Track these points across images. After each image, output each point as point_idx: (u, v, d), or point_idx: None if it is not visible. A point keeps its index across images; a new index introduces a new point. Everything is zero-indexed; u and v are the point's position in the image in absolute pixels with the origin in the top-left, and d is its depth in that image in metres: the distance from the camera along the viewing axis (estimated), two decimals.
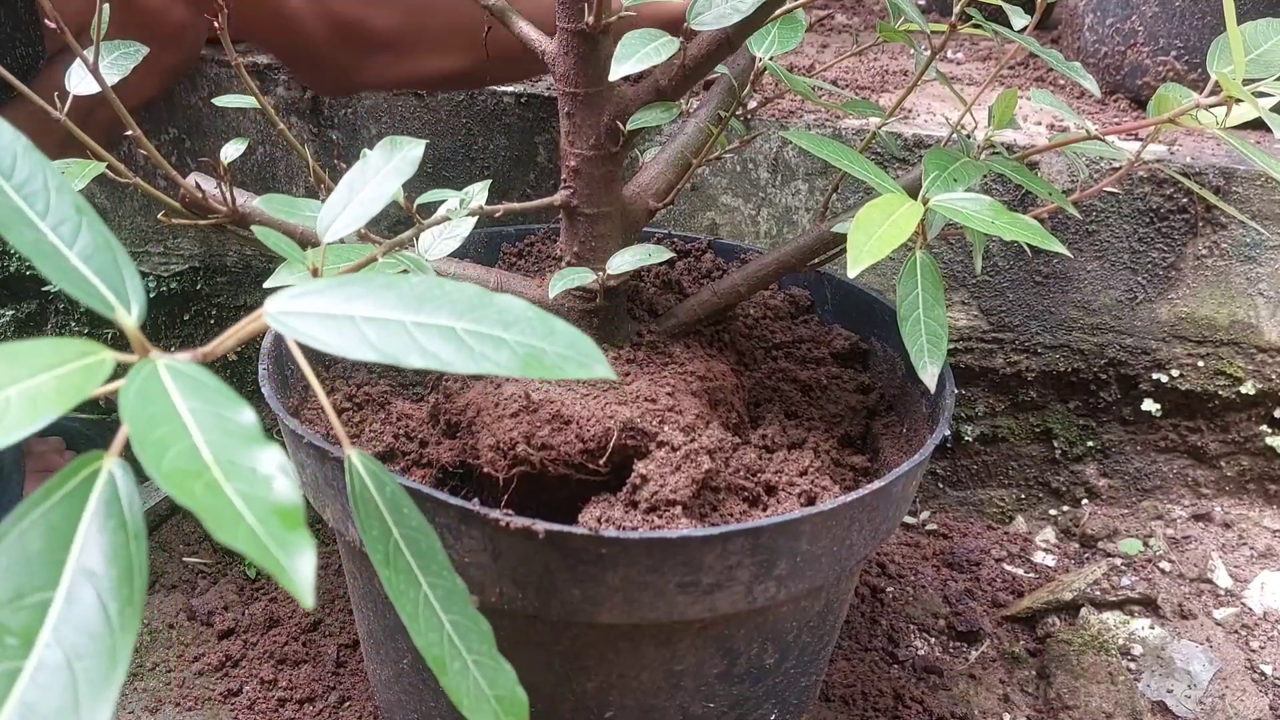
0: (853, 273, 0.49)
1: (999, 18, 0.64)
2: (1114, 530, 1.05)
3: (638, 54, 0.56)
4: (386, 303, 0.32)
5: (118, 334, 1.19)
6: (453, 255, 0.64)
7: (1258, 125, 0.58)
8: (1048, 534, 1.06)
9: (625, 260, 0.65)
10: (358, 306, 0.32)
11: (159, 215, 0.63)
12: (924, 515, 1.10)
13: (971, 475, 1.10)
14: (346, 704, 0.81)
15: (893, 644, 0.90)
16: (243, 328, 0.34)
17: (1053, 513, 1.10)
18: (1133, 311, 1.02)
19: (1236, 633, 0.93)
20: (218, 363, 1.00)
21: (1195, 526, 1.06)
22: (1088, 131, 0.63)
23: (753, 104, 0.74)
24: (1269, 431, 1.05)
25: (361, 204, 0.45)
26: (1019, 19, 0.63)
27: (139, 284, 0.33)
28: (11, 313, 1.21)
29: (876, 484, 0.59)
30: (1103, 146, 0.64)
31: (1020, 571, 1.00)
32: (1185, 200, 0.98)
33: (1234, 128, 0.58)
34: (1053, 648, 0.89)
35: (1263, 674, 0.89)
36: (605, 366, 0.32)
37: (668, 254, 0.65)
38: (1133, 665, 0.88)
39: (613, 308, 0.70)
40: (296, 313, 0.32)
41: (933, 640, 0.91)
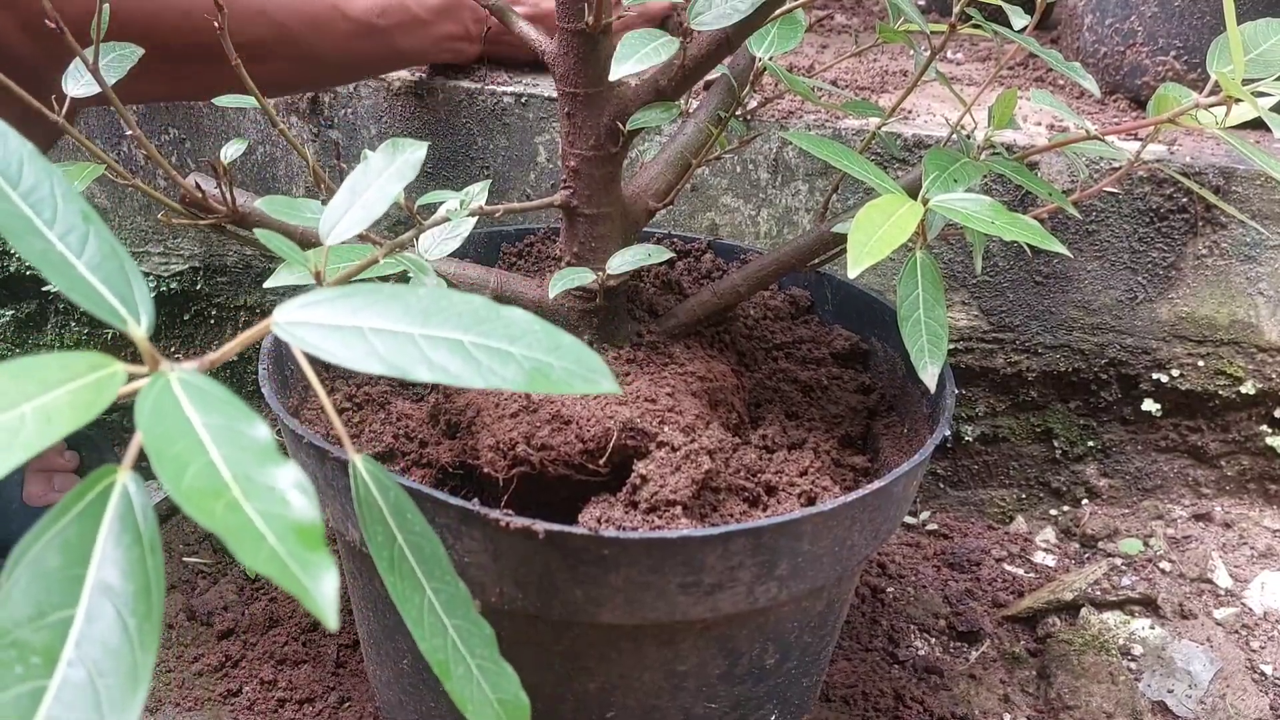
0: (853, 273, 0.49)
1: (999, 18, 0.64)
2: (1114, 530, 1.05)
3: (638, 54, 0.56)
4: (394, 314, 0.32)
5: (118, 334, 1.19)
6: (453, 255, 0.64)
7: (1257, 125, 0.59)
8: (1048, 534, 1.06)
9: (625, 260, 0.65)
10: (365, 318, 0.32)
11: (159, 215, 0.63)
12: (924, 515, 1.10)
13: (972, 475, 1.10)
14: (346, 704, 0.81)
15: (893, 644, 0.90)
16: (250, 336, 0.34)
17: (1053, 513, 1.10)
18: (1133, 311, 1.02)
19: (1237, 633, 0.93)
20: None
21: (1195, 526, 1.06)
22: (1087, 131, 0.63)
23: (753, 104, 0.74)
24: (1269, 431, 1.05)
25: (364, 207, 0.45)
26: (1019, 19, 0.63)
27: (147, 293, 0.33)
28: (11, 313, 1.21)
29: (877, 484, 0.59)
30: (1102, 146, 0.64)
31: (1020, 571, 1.00)
32: (1185, 200, 0.98)
33: (1233, 127, 0.58)
34: (1053, 648, 0.89)
35: (1263, 674, 0.89)
36: (611, 381, 0.32)
37: (668, 254, 0.65)
38: (1133, 665, 0.88)
39: (613, 308, 0.70)
40: (305, 323, 0.32)
41: (933, 640, 0.91)
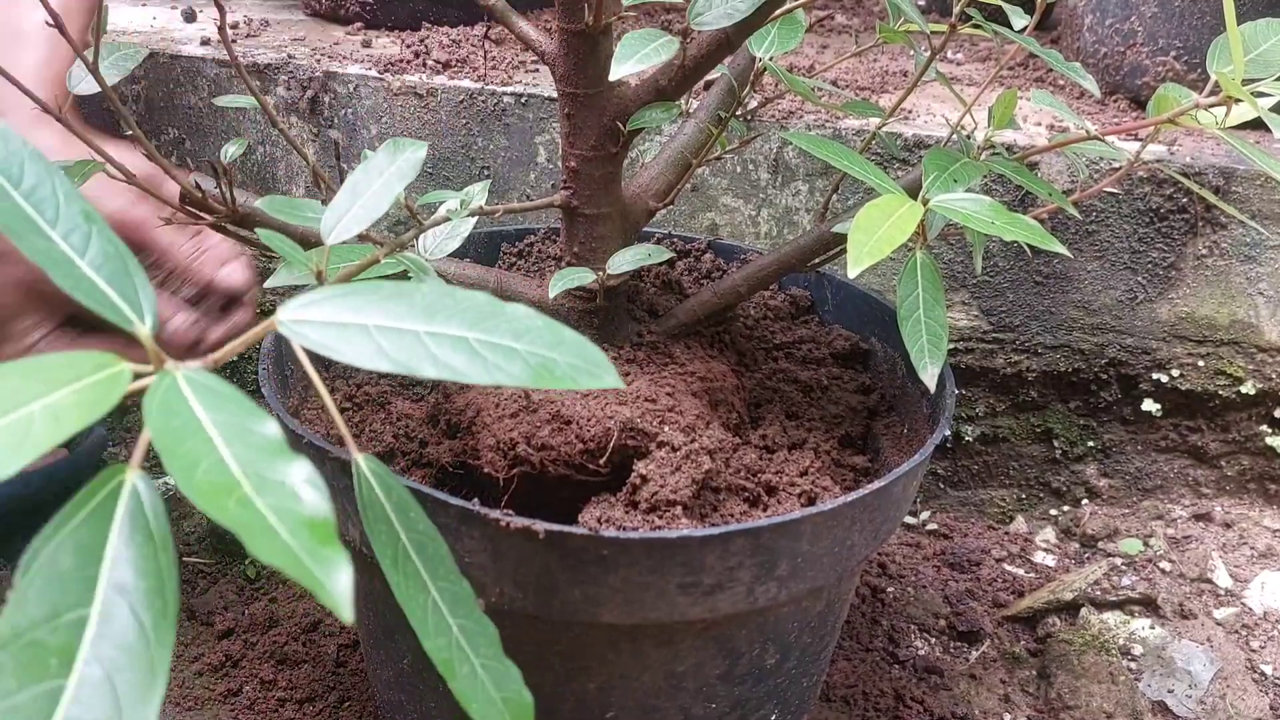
0: (853, 273, 0.49)
1: (999, 18, 0.64)
2: (1114, 530, 1.05)
3: (638, 54, 0.56)
4: (399, 312, 0.32)
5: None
6: (453, 255, 0.64)
7: (1257, 125, 0.58)
8: (1048, 534, 1.06)
9: (625, 260, 0.65)
10: (370, 315, 0.32)
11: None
12: (924, 515, 1.10)
13: (972, 475, 1.10)
14: (346, 704, 0.81)
15: (893, 644, 0.90)
16: (252, 335, 0.34)
17: (1053, 513, 1.10)
18: (1133, 311, 1.02)
19: (1237, 633, 0.93)
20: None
21: (1195, 526, 1.06)
22: (1087, 132, 0.63)
23: (753, 104, 0.74)
24: (1269, 431, 1.05)
25: (365, 207, 0.45)
26: (1019, 19, 0.63)
27: (150, 292, 0.33)
28: None
29: (877, 484, 0.59)
30: (1102, 147, 0.64)
31: (1021, 571, 1.00)
32: (1185, 200, 0.98)
33: (1233, 128, 0.58)
34: (1053, 648, 0.89)
35: (1263, 674, 0.89)
36: (614, 376, 0.32)
37: (668, 254, 0.65)
38: (1133, 665, 0.88)
39: (613, 308, 0.70)
40: (309, 321, 0.32)
41: (933, 640, 0.91)
